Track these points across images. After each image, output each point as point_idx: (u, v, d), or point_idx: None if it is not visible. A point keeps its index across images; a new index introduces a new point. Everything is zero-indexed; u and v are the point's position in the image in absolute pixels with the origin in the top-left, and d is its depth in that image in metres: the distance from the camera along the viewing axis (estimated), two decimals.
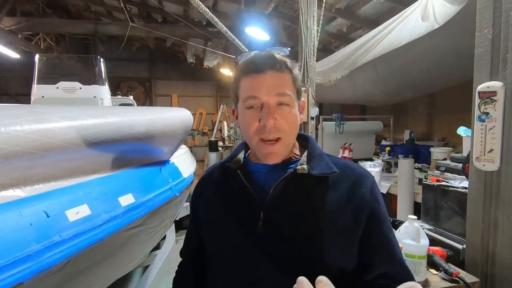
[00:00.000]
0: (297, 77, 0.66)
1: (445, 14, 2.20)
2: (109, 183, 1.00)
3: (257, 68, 0.62)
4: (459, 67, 3.00)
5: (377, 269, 0.63)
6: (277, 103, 0.62)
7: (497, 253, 1.27)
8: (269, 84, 0.61)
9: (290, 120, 0.63)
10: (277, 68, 0.62)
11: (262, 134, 0.62)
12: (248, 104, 0.63)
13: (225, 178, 0.70)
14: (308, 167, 0.64)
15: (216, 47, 6.78)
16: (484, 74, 1.30)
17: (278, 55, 0.65)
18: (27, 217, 0.71)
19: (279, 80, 0.62)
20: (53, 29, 7.06)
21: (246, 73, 0.64)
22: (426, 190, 1.93)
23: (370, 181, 0.66)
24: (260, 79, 0.62)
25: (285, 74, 0.63)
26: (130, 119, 1.07)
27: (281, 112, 0.62)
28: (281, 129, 0.62)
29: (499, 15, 1.24)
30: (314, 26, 2.70)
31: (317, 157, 0.67)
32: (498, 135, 1.25)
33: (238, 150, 0.74)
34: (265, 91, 0.61)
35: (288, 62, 0.65)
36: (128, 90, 8.90)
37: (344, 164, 0.68)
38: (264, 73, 0.62)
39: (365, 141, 4.50)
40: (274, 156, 0.63)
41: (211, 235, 0.71)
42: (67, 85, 3.55)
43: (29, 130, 0.74)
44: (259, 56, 0.65)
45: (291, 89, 0.64)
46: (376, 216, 0.64)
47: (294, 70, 0.65)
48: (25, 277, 0.64)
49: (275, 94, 0.61)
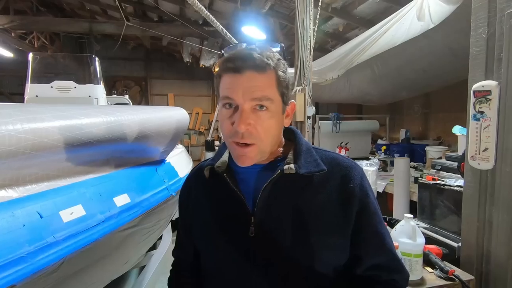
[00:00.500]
0: (282, 78, 0.60)
1: (441, 14, 2.21)
2: (104, 183, 0.99)
3: (235, 67, 0.57)
4: (454, 67, 3.03)
5: (368, 262, 0.63)
6: (253, 107, 0.57)
7: (492, 251, 1.28)
8: (246, 86, 0.56)
9: (267, 126, 0.58)
10: (258, 69, 0.56)
11: (235, 137, 0.58)
12: (224, 100, 0.59)
13: (212, 181, 0.67)
14: (295, 166, 0.61)
15: (212, 46, 6.75)
16: (479, 74, 1.31)
17: (264, 52, 0.58)
18: (19, 218, 0.70)
19: (258, 82, 0.56)
20: (47, 27, 6.97)
21: (225, 70, 0.59)
22: (422, 188, 1.94)
23: (359, 173, 0.64)
24: (237, 80, 0.57)
25: (267, 74, 0.57)
26: (126, 118, 1.06)
27: (256, 117, 0.57)
28: (254, 136, 0.58)
29: (494, 15, 1.24)
30: (310, 25, 2.70)
31: (304, 153, 0.64)
32: (493, 134, 1.26)
33: (222, 150, 0.70)
34: (241, 94, 0.56)
35: (273, 60, 0.58)
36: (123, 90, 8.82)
37: (331, 157, 0.66)
38: (242, 74, 0.56)
39: (361, 140, 4.52)
40: (246, 159, 0.59)
41: (202, 240, 0.69)
42: (62, 84, 3.51)
43: (21, 130, 0.73)
44: (240, 54, 0.58)
45: (273, 92, 0.58)
46: (366, 210, 0.63)
47: (279, 70, 0.59)
48: (18, 279, 0.63)
49: (251, 98, 0.56)
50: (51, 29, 7.35)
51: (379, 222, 0.65)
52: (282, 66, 0.60)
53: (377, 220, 0.65)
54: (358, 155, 4.17)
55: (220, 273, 0.66)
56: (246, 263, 0.61)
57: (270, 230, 0.61)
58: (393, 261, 0.65)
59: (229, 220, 0.64)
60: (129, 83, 10.06)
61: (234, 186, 0.63)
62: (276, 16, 5.18)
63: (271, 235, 0.60)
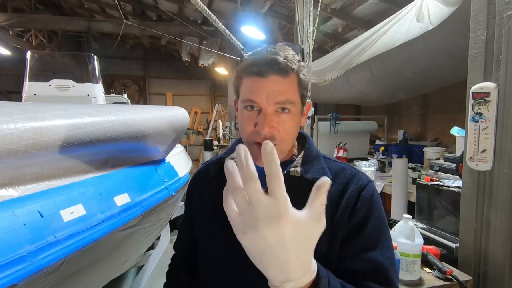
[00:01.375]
0: (303, 80, 0.61)
1: (440, 15, 2.22)
2: (105, 182, 0.99)
3: (259, 71, 0.58)
4: (452, 68, 3.05)
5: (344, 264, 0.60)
6: (276, 110, 0.59)
7: (490, 251, 1.29)
8: (270, 90, 0.57)
9: (289, 128, 0.60)
10: (281, 73, 0.58)
11: (257, 138, 0.59)
12: (246, 102, 0.60)
13: (220, 175, 0.68)
14: (301, 170, 0.62)
15: (211, 46, 6.74)
16: (478, 75, 1.32)
17: (285, 56, 0.59)
18: (20, 217, 0.69)
19: (281, 86, 0.58)
20: (45, 25, 6.94)
21: (248, 73, 0.60)
22: (420, 189, 1.96)
23: (362, 183, 0.63)
24: (261, 83, 0.58)
25: (290, 78, 0.59)
26: (126, 117, 1.05)
27: (279, 120, 0.59)
28: (277, 137, 0.59)
29: (493, 17, 1.26)
30: (310, 26, 2.71)
31: (312, 159, 0.65)
32: (491, 136, 1.27)
33: (234, 146, 0.71)
34: (265, 97, 0.57)
35: (295, 63, 0.60)
36: (122, 89, 8.81)
37: (340, 167, 0.66)
38: (266, 78, 0.57)
39: (359, 140, 4.54)
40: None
41: (203, 235, 0.70)
42: (60, 83, 3.49)
43: (22, 128, 0.72)
44: (264, 57, 0.60)
45: (295, 95, 0.60)
46: (361, 220, 0.60)
47: (301, 73, 0.61)
48: (19, 278, 0.63)
49: (275, 102, 0.58)
50: (49, 27, 7.32)
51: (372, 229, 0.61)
52: (303, 69, 0.61)
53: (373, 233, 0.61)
54: (356, 155, 4.18)
55: (219, 272, 0.66)
56: (246, 263, 0.61)
57: None
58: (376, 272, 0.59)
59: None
60: (127, 82, 10.04)
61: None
62: (275, 16, 5.19)
63: None
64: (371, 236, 0.60)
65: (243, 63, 0.62)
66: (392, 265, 0.61)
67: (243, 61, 0.62)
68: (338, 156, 3.89)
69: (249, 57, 0.61)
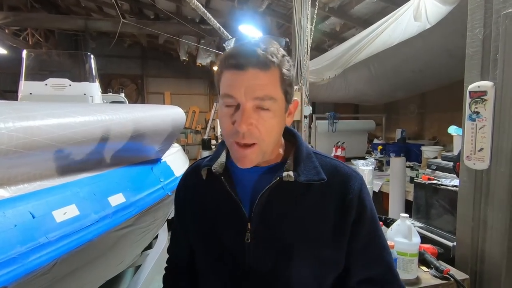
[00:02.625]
0: (286, 75, 0.57)
1: (437, 14, 2.22)
2: (99, 182, 0.98)
3: (238, 63, 0.53)
4: (450, 67, 3.05)
5: (360, 274, 0.62)
6: (256, 107, 0.54)
7: (487, 250, 1.29)
8: (248, 85, 0.53)
9: (270, 127, 0.56)
10: (261, 66, 0.53)
11: (236, 137, 0.55)
12: (225, 102, 0.56)
13: (209, 181, 0.64)
14: (294, 174, 0.59)
15: (209, 45, 6.72)
16: (475, 74, 1.32)
17: (268, 48, 0.54)
18: (11, 218, 0.68)
19: (261, 81, 0.53)
20: (41, 24, 6.89)
21: (226, 67, 0.55)
22: (418, 188, 1.95)
23: (358, 183, 0.63)
24: (240, 77, 0.53)
25: (270, 72, 0.54)
26: (120, 116, 1.04)
27: (258, 117, 0.54)
28: (256, 136, 0.55)
29: (490, 16, 1.25)
30: (308, 24, 2.70)
31: (304, 160, 0.62)
32: (488, 134, 1.27)
33: (220, 150, 0.67)
34: (243, 92, 0.53)
35: (277, 57, 0.55)
36: (119, 88, 8.74)
37: (332, 165, 0.64)
38: (245, 71, 0.53)
39: (357, 139, 4.53)
40: (247, 161, 0.57)
41: (197, 242, 0.68)
42: (56, 82, 3.47)
43: (13, 128, 0.71)
44: (243, 50, 0.55)
45: (276, 91, 0.55)
46: (362, 221, 0.61)
47: (284, 67, 0.56)
48: (9, 280, 0.62)
49: (254, 98, 0.53)
50: (46, 26, 7.27)
51: (374, 232, 0.63)
52: (286, 63, 0.57)
53: (373, 231, 0.63)
54: (354, 154, 4.18)
55: (213, 276, 0.65)
56: (238, 269, 0.60)
57: (266, 237, 0.60)
58: (388, 274, 0.64)
59: (225, 224, 0.62)
60: (125, 81, 9.99)
61: (231, 190, 0.61)
62: (273, 15, 5.17)
63: (266, 243, 0.59)
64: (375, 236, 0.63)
65: (222, 56, 0.58)
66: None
67: (222, 54, 0.58)
68: (336, 155, 3.89)
69: (229, 50, 0.58)
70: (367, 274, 0.62)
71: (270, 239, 0.59)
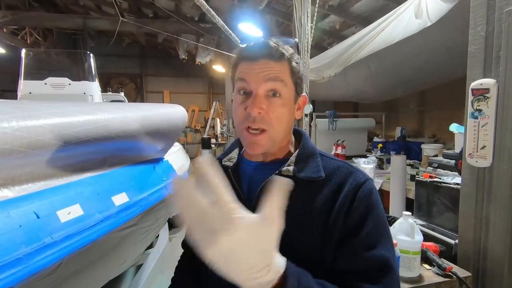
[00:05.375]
0: (296, 68, 0.61)
1: (438, 12, 2.21)
2: (102, 181, 0.97)
3: (250, 55, 0.59)
4: (450, 65, 3.04)
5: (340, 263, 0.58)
6: (267, 92, 0.59)
7: (489, 248, 1.29)
8: (260, 71, 0.58)
9: (280, 114, 0.59)
10: (272, 57, 0.59)
11: (247, 122, 0.59)
12: (238, 86, 0.61)
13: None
14: (294, 169, 0.61)
15: (208, 43, 6.70)
16: (478, 72, 1.32)
17: (277, 44, 0.60)
18: (16, 218, 0.68)
19: (272, 68, 0.59)
20: (40, 23, 6.85)
21: (240, 59, 0.61)
22: (419, 186, 1.96)
23: (359, 180, 0.60)
24: (253, 67, 0.59)
25: (281, 63, 0.59)
26: (123, 116, 1.04)
27: (268, 103, 0.59)
28: (266, 121, 0.59)
29: (493, 13, 1.25)
30: (308, 22, 2.69)
31: (307, 157, 0.63)
32: (490, 132, 1.27)
33: (233, 147, 0.72)
34: (255, 78, 0.58)
35: (287, 52, 0.60)
36: (118, 87, 8.72)
37: (336, 165, 0.64)
38: (257, 61, 0.59)
39: (357, 138, 4.53)
40: (257, 147, 0.60)
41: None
42: (56, 81, 3.45)
43: (17, 127, 0.71)
44: (256, 43, 0.62)
45: (287, 78, 0.60)
46: (353, 211, 0.58)
47: (293, 60, 0.61)
48: (15, 281, 0.62)
49: (266, 80, 0.58)
50: (44, 25, 7.23)
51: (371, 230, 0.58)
52: (296, 58, 0.61)
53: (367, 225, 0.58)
54: (355, 152, 4.18)
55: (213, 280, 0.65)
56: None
57: None
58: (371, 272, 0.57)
59: None
60: (124, 80, 9.96)
61: (236, 183, 0.63)
62: (273, 13, 5.16)
63: None
64: (370, 236, 0.58)
65: (236, 51, 0.63)
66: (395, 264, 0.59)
67: (236, 50, 0.64)
68: (336, 154, 3.89)
69: (243, 45, 0.63)
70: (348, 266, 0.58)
71: None
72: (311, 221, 0.59)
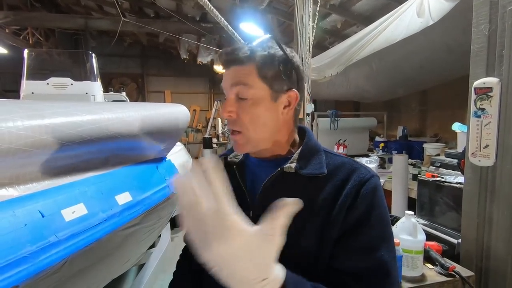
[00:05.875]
0: (266, 66, 0.60)
1: (440, 10, 2.21)
2: (106, 181, 0.98)
3: (224, 63, 0.64)
4: (452, 64, 3.03)
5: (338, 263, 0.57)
6: (236, 97, 0.61)
7: (492, 247, 1.29)
8: (228, 78, 0.62)
9: (251, 115, 0.60)
10: (238, 62, 0.61)
11: (228, 125, 0.64)
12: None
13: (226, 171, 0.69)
14: (296, 166, 0.61)
15: (209, 43, 6.70)
16: (480, 70, 1.31)
17: (243, 48, 0.62)
18: (21, 217, 0.68)
19: (238, 74, 0.61)
20: (41, 23, 6.87)
21: (222, 67, 0.66)
22: (421, 185, 1.96)
23: (363, 177, 0.59)
24: (226, 73, 0.64)
25: (247, 66, 0.60)
26: (126, 115, 1.04)
27: (238, 106, 0.61)
28: (239, 123, 0.61)
29: (496, 11, 1.24)
30: (309, 22, 2.69)
31: (310, 154, 0.64)
32: (493, 131, 1.26)
33: None
34: (225, 84, 0.63)
35: (256, 51, 0.60)
36: (120, 87, 8.74)
37: (340, 162, 0.63)
38: (228, 68, 0.63)
39: (359, 137, 4.53)
40: (237, 146, 0.64)
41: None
42: (58, 81, 3.47)
43: (21, 127, 0.71)
44: (228, 50, 0.64)
45: (252, 80, 0.60)
46: (354, 208, 0.57)
47: (260, 59, 0.60)
48: (21, 279, 0.62)
49: (230, 85, 0.62)
50: (46, 25, 7.25)
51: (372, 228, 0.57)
52: (262, 57, 0.60)
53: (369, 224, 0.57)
54: (356, 152, 4.18)
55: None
56: None
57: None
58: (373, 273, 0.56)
59: None
60: (125, 80, 9.97)
61: (240, 179, 0.65)
62: (274, 13, 5.15)
63: None
64: (369, 237, 0.56)
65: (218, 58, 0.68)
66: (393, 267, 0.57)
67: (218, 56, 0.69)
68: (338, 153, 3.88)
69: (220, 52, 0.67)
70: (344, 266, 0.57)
71: None
72: (312, 218, 0.58)
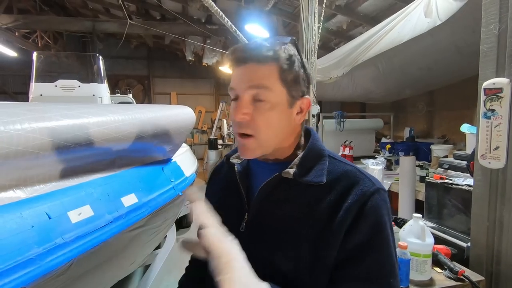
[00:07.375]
0: (287, 70, 0.56)
1: (448, 10, 2.18)
2: (112, 183, 0.98)
3: (238, 59, 0.57)
4: (460, 65, 2.99)
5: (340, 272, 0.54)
6: (253, 98, 0.56)
7: (503, 251, 1.26)
8: (245, 77, 0.56)
9: (267, 118, 0.56)
10: (259, 60, 0.55)
11: (236, 128, 0.58)
12: (231, 94, 0.59)
13: (229, 172, 0.69)
14: (294, 172, 0.58)
15: (215, 45, 6.74)
16: (490, 71, 1.29)
17: (268, 45, 0.57)
18: (28, 219, 0.69)
19: (257, 73, 0.55)
20: (50, 26, 6.99)
21: (232, 64, 0.59)
22: (429, 188, 1.93)
23: (366, 191, 0.55)
24: (240, 71, 0.57)
25: (268, 66, 0.55)
26: (132, 117, 1.05)
27: (254, 108, 0.56)
28: (252, 126, 0.56)
29: (506, 11, 1.22)
30: (315, 23, 2.68)
31: (312, 159, 0.60)
32: (504, 132, 1.24)
33: None
34: (240, 84, 0.57)
35: (277, 52, 0.56)
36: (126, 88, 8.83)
37: (342, 170, 0.59)
38: (244, 65, 0.57)
39: (365, 138, 4.49)
40: (246, 150, 0.59)
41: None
42: (66, 83, 3.52)
43: (29, 129, 0.72)
44: (242, 46, 0.59)
45: (273, 83, 0.55)
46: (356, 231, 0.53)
47: (283, 62, 0.56)
48: (28, 281, 0.62)
49: (248, 87, 0.56)
50: (54, 28, 7.37)
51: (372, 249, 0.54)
52: (286, 59, 0.57)
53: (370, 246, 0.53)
54: (362, 153, 4.14)
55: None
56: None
57: (256, 230, 0.60)
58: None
59: (230, 214, 0.63)
60: (132, 82, 10.08)
61: (239, 180, 0.65)
62: (279, 14, 5.15)
63: (257, 235, 0.60)
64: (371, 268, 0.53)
65: (228, 55, 0.60)
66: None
67: (228, 51, 0.61)
68: (343, 155, 3.86)
69: (233, 48, 0.60)
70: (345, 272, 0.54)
71: (259, 232, 0.60)
72: (307, 227, 0.56)
